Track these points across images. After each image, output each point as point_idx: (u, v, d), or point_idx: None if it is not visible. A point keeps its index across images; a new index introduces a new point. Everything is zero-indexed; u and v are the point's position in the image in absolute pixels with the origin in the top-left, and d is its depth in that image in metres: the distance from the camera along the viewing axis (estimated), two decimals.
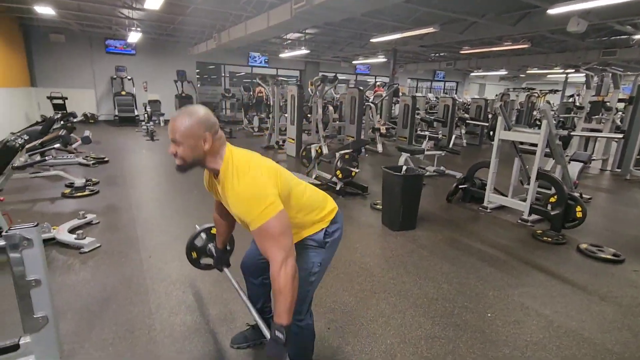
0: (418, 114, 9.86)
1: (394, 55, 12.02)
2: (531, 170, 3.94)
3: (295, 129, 7.21)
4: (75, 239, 2.94)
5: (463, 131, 10.47)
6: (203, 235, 1.94)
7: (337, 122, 9.47)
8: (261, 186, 1.21)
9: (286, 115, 7.75)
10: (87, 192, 4.35)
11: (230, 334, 2.00)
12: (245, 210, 1.21)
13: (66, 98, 10.46)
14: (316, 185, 4.68)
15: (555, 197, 3.76)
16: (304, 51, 12.14)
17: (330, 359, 1.89)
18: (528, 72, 17.91)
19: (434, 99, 15.03)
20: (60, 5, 7.80)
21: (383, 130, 8.49)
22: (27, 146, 3.35)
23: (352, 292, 2.50)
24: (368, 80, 19.33)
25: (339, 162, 4.59)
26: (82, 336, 1.95)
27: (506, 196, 4.38)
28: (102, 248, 2.99)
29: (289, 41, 12.18)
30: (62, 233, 3.04)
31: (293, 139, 7.31)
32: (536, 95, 13.15)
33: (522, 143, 4.33)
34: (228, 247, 1.90)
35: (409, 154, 5.57)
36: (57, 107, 10.09)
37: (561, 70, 15.53)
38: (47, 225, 3.11)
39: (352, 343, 2.00)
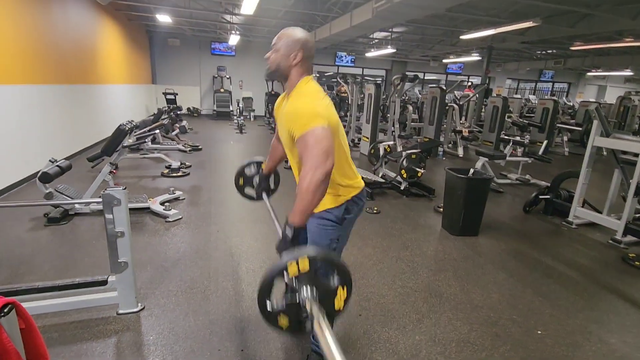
0: (510, 117, 9.01)
1: (488, 53, 11.13)
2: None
3: (370, 128, 7.25)
4: (164, 210, 3.51)
5: (565, 138, 9.23)
6: (253, 167, 2.08)
7: (417, 122, 9.19)
8: (316, 106, 1.32)
9: (360, 113, 7.83)
10: (180, 174, 5.08)
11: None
12: (295, 118, 1.30)
13: (177, 94, 12.15)
14: (380, 183, 4.73)
15: None
16: (390, 50, 12.01)
17: (354, 343, 1.96)
18: None
19: (535, 101, 13.49)
20: (176, 14, 9.11)
21: (465, 133, 7.98)
22: (138, 132, 4.10)
23: (393, 287, 2.51)
24: (462, 80, 18.19)
25: (404, 162, 4.52)
26: (155, 284, 2.37)
27: (600, 212, 3.81)
28: (183, 219, 3.51)
29: (375, 40, 12.18)
30: (155, 204, 3.65)
31: (367, 138, 7.36)
32: None
33: (624, 152, 3.73)
34: (272, 185, 2.06)
35: (487, 159, 5.19)
36: (169, 102, 11.79)
37: None
38: (145, 197, 3.76)
39: (379, 332, 2.04)
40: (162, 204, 3.70)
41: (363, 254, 2.99)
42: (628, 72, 14.64)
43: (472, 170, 3.62)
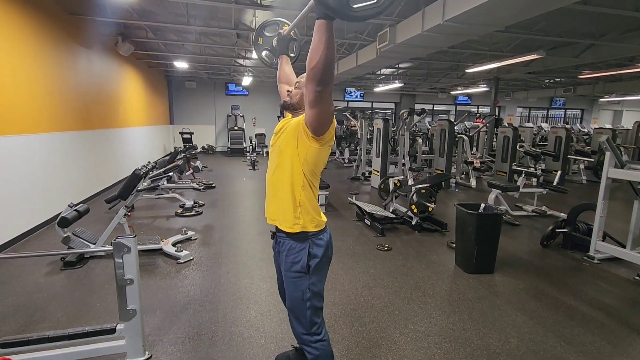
0: (522, 146, 8.94)
1: (495, 84, 11.28)
2: None
3: (380, 161, 7.30)
4: (175, 251, 3.55)
5: (582, 166, 9.05)
6: (274, 27, 2.05)
7: (427, 154, 9.21)
8: None
9: (370, 147, 7.91)
10: (193, 213, 5.18)
11: (278, 351, 2.16)
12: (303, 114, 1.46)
13: (193, 133, 12.62)
14: (391, 219, 4.69)
15: None
16: (397, 85, 12.33)
17: None
18: None
19: (548, 129, 13.39)
20: (193, 60, 9.68)
21: (477, 164, 7.94)
22: (152, 173, 4.25)
23: (404, 332, 2.43)
24: (472, 110, 18.32)
25: (414, 197, 4.50)
26: (163, 331, 2.36)
27: (624, 246, 3.65)
28: (194, 260, 3.53)
29: (383, 76, 12.54)
30: (167, 245, 3.70)
31: (378, 171, 7.40)
32: None
33: None
34: (291, 53, 2.03)
35: (500, 191, 5.12)
36: (185, 141, 12.24)
37: None
38: (158, 238, 3.83)
39: None
40: (174, 244, 3.75)
41: (373, 294, 2.93)
42: None
43: (483, 205, 3.58)
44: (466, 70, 9.23)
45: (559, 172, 5.78)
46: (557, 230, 4.07)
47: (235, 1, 5.06)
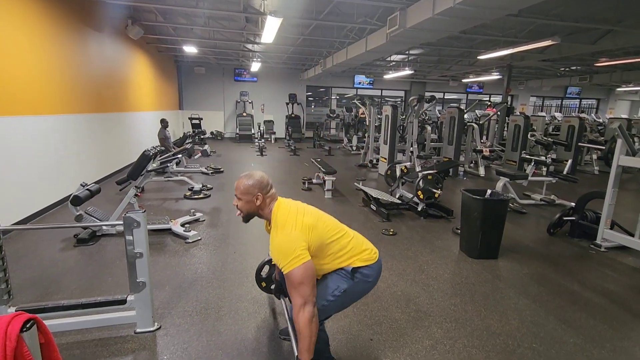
0: (533, 135, 8.80)
1: (508, 72, 11.06)
2: None
3: (387, 149, 7.28)
4: (184, 231, 3.63)
5: (595, 156, 8.88)
6: (267, 266, 2.38)
7: (436, 142, 9.13)
8: (292, 240, 1.47)
9: (378, 135, 7.87)
10: (202, 196, 5.26)
11: (282, 326, 2.23)
12: (278, 259, 1.49)
13: (202, 119, 12.69)
14: (397, 204, 4.71)
15: None
16: (408, 72, 12.14)
17: None
18: None
19: (562, 118, 13.12)
20: (201, 44, 9.66)
21: (486, 153, 7.85)
22: (162, 157, 4.33)
23: (406, 311, 2.47)
24: (483, 99, 18.00)
25: (420, 183, 4.50)
26: (172, 305, 2.44)
27: (632, 235, 3.62)
28: (202, 240, 3.62)
29: (393, 63, 12.37)
30: (176, 226, 3.79)
31: (385, 158, 7.38)
32: None
33: None
34: None
35: (508, 179, 5.08)
36: (194, 126, 12.32)
37: None
38: (167, 218, 3.92)
39: (391, 357, 2.00)
40: (182, 225, 3.84)
41: None
42: None
43: (489, 191, 3.56)
44: (478, 57, 9.02)
45: (569, 161, 5.69)
46: (565, 218, 4.04)
47: None
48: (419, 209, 4.60)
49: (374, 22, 6.94)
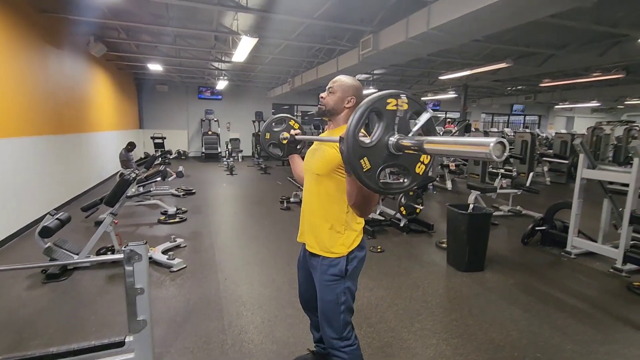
0: None
1: (464, 91, 11.83)
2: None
3: None
4: (167, 259, 3.41)
5: (546, 168, 9.66)
6: (282, 123, 2.01)
7: None
8: None
9: None
10: (177, 219, 5.00)
11: (292, 356, 2.14)
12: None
13: (165, 138, 12.19)
14: (380, 221, 4.78)
15: None
16: (371, 90, 12.59)
17: None
18: (627, 102, 15.98)
19: (512, 134, 14.18)
20: (166, 62, 9.39)
21: (452, 167, 8.26)
22: (138, 179, 4.07)
23: (412, 330, 2.48)
24: (438, 115, 19.03)
25: (402, 199, 4.62)
26: (169, 342, 2.26)
27: (595, 241, 3.94)
28: (187, 268, 3.41)
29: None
30: (157, 254, 3.55)
31: None
32: (637, 128, 11.65)
33: (611, 183, 3.94)
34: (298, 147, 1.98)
35: (479, 192, 5.36)
36: (157, 146, 11.80)
37: None
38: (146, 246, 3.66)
39: None
40: (164, 252, 3.61)
41: (376, 296, 2.97)
42: (595, 104, 15.75)
43: (471, 206, 3.73)
44: (439, 77, 9.61)
45: (530, 174, 6.15)
46: (537, 229, 4.32)
47: (218, 3, 4.99)
48: (402, 224, 4.70)
49: (343, 43, 7.16)
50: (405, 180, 1.09)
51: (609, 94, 12.74)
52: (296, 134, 1.92)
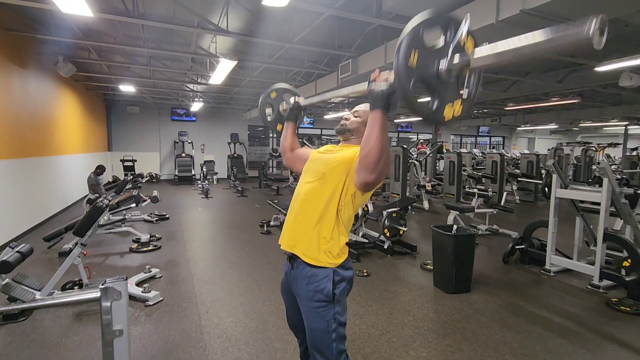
0: (464, 170, 9.74)
1: None
2: (596, 230, 3.68)
3: None
4: (142, 292, 3.16)
5: (515, 187, 10.08)
6: (283, 95, 2.00)
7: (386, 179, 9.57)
8: None
9: None
10: (151, 247, 4.71)
11: None
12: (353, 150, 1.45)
13: (135, 160, 11.74)
14: (364, 244, 4.73)
15: (629, 260, 3.44)
16: (347, 113, 12.82)
17: None
18: (582, 125, 17.20)
19: (480, 154, 14.81)
20: (139, 83, 9.16)
21: (429, 187, 8.43)
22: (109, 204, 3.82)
23: (408, 359, 2.39)
24: (410, 137, 19.63)
25: (386, 221, 4.61)
26: None
27: (570, 258, 4.07)
28: (165, 301, 3.18)
29: (333, 104, 12.99)
30: (131, 286, 3.29)
31: None
32: (593, 149, 12.50)
33: (582, 201, 4.12)
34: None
35: (458, 212, 5.46)
36: (127, 169, 11.32)
37: (618, 123, 14.76)
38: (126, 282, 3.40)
39: None
40: (138, 284, 3.35)
41: (367, 323, 2.87)
42: (553, 126, 16.83)
43: (455, 227, 3.77)
44: None
45: (504, 194, 6.35)
46: (516, 247, 4.42)
47: (198, 25, 4.95)
48: (385, 246, 4.67)
49: (321, 67, 7.29)
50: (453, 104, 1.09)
51: (566, 117, 13.65)
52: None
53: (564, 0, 2.92)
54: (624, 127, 15.27)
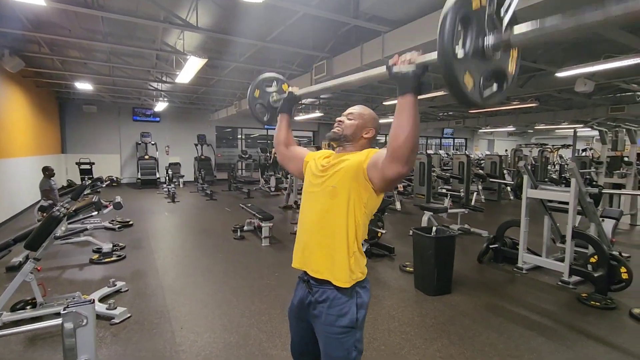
0: (434, 171, 9.98)
1: None
2: (563, 228, 3.84)
3: None
4: (107, 309, 2.88)
5: (480, 187, 10.47)
6: (274, 83, 1.89)
7: None
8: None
9: None
10: (114, 258, 4.36)
11: None
12: (358, 156, 1.35)
13: (93, 163, 10.98)
14: None
15: (596, 257, 3.61)
16: (317, 114, 12.77)
17: None
18: (536, 127, 18.28)
19: (445, 155, 15.30)
20: (97, 81, 8.55)
21: (400, 188, 8.54)
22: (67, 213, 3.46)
23: None
24: (379, 139, 19.95)
25: None
26: None
27: (540, 256, 4.23)
28: (133, 318, 2.91)
29: (303, 105, 12.88)
30: None
31: None
32: (549, 150, 13.29)
33: (550, 201, 4.29)
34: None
35: (431, 213, 5.53)
36: (83, 172, 10.56)
37: (569, 125, 15.82)
38: (78, 295, 3.08)
39: None
40: (102, 301, 3.06)
41: None
42: (511, 128, 17.75)
43: (434, 229, 3.78)
44: (383, 103, 10.06)
45: (474, 194, 6.54)
46: (490, 247, 4.52)
47: (165, 20, 4.66)
48: (364, 249, 4.61)
49: (293, 67, 7.16)
50: (495, 85, 1.04)
51: (523, 120, 14.42)
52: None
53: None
54: (573, 130, 16.41)
